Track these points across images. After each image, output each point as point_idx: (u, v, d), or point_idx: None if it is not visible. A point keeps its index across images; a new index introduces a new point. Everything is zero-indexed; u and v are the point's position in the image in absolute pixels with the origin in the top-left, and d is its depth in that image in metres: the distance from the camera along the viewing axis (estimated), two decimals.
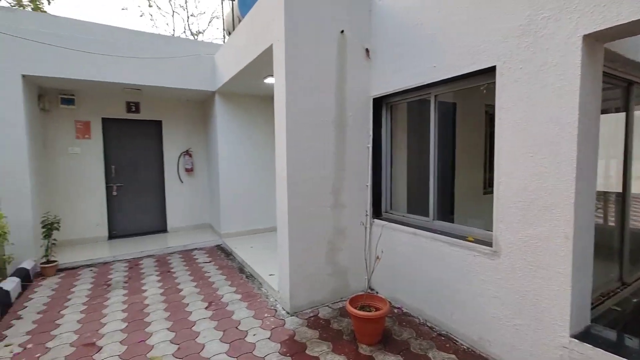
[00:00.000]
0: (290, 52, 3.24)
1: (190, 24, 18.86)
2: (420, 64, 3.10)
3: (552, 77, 2.12)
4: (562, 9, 2.04)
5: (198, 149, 6.98)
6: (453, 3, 2.76)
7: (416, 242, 3.21)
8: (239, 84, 5.40)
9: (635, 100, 3.05)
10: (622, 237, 3.07)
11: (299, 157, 3.32)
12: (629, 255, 3.11)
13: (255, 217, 6.43)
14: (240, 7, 7.87)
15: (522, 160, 2.30)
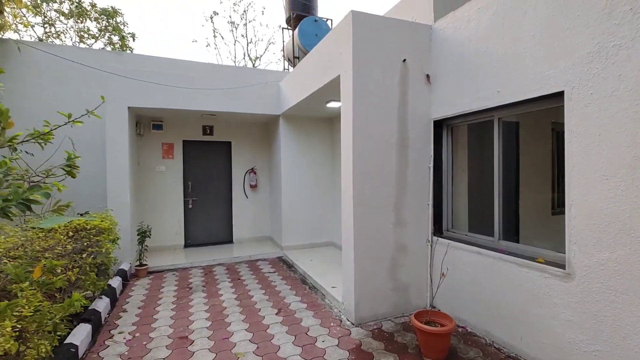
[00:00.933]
0: (357, 81, 3.58)
1: (249, 50, 20.54)
2: (483, 88, 3.24)
3: (626, 103, 2.15)
4: (634, 37, 2.10)
5: (261, 166, 7.62)
6: (517, 33, 2.89)
7: (481, 262, 3.26)
8: (302, 108, 5.90)
9: None
10: None
11: (364, 176, 3.60)
12: None
13: (312, 232, 6.79)
14: (300, 37, 8.59)
15: (595, 183, 2.32)
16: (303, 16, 9.17)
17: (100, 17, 13.54)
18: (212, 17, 18.88)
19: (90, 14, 13.35)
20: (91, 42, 13.62)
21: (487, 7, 3.20)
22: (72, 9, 12.92)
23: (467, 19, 3.44)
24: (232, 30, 19.60)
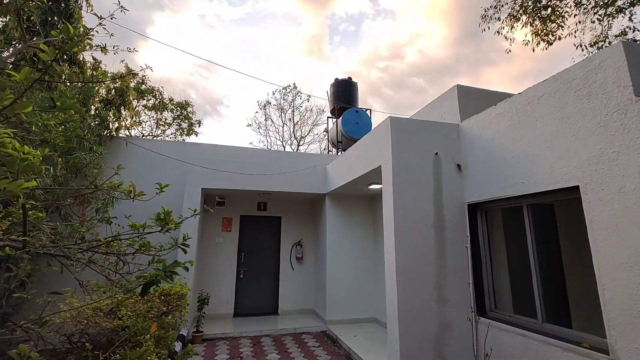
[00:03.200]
0: (396, 171, 4.24)
1: (296, 130, 22.99)
2: (509, 178, 3.72)
3: (633, 199, 2.52)
4: (628, 147, 2.57)
5: (307, 240, 8.20)
6: (532, 136, 3.46)
7: (525, 344, 3.32)
8: (346, 188, 6.64)
9: None
10: None
11: (405, 254, 4.00)
12: None
13: (355, 306, 6.91)
14: (343, 125, 9.86)
15: (621, 269, 2.57)
16: (345, 107, 10.62)
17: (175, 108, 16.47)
18: (265, 106, 21.87)
19: (168, 106, 16.35)
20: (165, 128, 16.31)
21: (503, 113, 3.87)
22: (156, 104, 15.97)
23: (488, 121, 4.11)
24: (280, 115, 22.38)
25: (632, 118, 2.57)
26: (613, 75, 2.76)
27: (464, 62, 29.44)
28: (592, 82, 2.94)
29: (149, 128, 16.54)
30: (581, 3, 6.70)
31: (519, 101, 3.70)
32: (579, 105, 3.01)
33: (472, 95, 5.08)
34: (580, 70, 3.07)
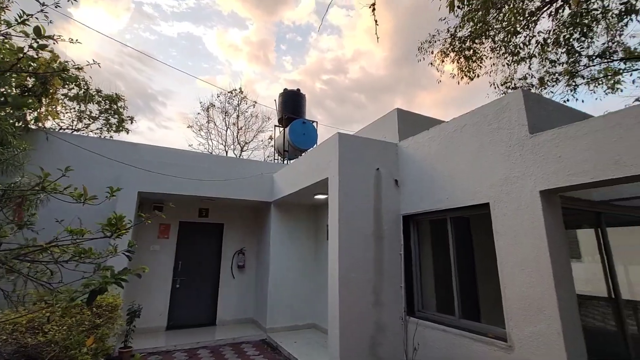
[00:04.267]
0: (342, 184, 4.58)
1: (240, 136, 22.51)
2: (437, 194, 4.30)
3: (526, 215, 3.17)
4: (523, 174, 3.24)
5: (250, 248, 8.14)
6: (456, 159, 4.08)
7: (446, 337, 3.85)
8: (292, 197, 6.82)
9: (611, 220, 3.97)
10: (625, 340, 3.58)
11: (348, 262, 4.32)
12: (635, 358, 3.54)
13: (296, 314, 7.05)
14: (290, 134, 10.08)
15: (517, 272, 3.19)
16: (293, 117, 10.88)
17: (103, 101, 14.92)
18: (209, 108, 21.07)
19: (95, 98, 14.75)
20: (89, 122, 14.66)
21: (434, 138, 4.48)
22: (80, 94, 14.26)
23: (422, 144, 4.70)
24: (224, 119, 21.76)
25: (527, 151, 3.25)
26: (515, 115, 3.45)
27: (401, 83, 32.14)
28: (501, 118, 3.62)
29: (68, 120, 14.73)
30: (495, 49, 7.99)
31: (447, 128, 4.33)
32: (491, 137, 3.67)
33: (409, 119, 5.72)
34: (493, 108, 3.75)
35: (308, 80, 32.22)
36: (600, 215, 3.94)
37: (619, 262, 4.47)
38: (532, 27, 7.36)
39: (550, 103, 3.78)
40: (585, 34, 6.72)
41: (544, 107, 3.57)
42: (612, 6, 6.83)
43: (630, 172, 2.53)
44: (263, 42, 30.86)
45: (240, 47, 30.85)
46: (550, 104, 3.75)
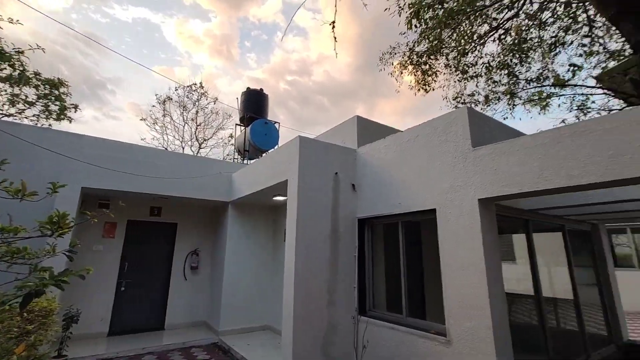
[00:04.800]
0: (301, 186, 4.65)
1: (198, 132, 21.64)
2: (390, 199, 4.55)
3: (467, 220, 3.49)
4: (466, 183, 3.56)
5: (205, 248, 7.89)
6: (409, 167, 4.36)
7: (394, 335, 4.08)
8: (251, 198, 6.76)
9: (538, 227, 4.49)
10: (544, 333, 4.08)
11: (304, 263, 4.40)
12: (552, 349, 4.05)
13: (250, 315, 6.97)
14: (251, 134, 9.97)
15: (457, 273, 3.50)
16: (255, 117, 10.76)
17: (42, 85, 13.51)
18: (166, 101, 20.00)
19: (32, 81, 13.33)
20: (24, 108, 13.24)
21: (390, 146, 4.74)
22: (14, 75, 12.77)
23: (379, 151, 4.94)
24: (182, 114, 20.80)
25: (469, 163, 3.59)
26: (461, 129, 3.79)
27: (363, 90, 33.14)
28: (449, 132, 3.94)
29: None
30: (449, 65, 8.62)
31: (401, 138, 4.60)
32: (440, 148, 3.99)
33: (368, 126, 5.97)
34: (443, 121, 4.07)
35: (272, 80, 31.98)
36: (528, 222, 4.45)
37: (544, 264, 5.07)
38: (480, 49, 8.07)
39: (491, 120, 4.20)
40: (522, 59, 7.52)
41: (485, 124, 3.96)
42: (546, 37, 7.73)
43: (551, 185, 2.92)
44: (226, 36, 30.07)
45: (201, 40, 29.76)
46: (491, 122, 4.17)
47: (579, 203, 4.11)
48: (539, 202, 4.28)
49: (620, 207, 4.60)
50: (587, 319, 5.10)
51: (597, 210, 4.80)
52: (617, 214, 5.27)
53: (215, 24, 29.82)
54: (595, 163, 2.67)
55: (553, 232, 5.22)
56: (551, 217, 4.88)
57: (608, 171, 2.61)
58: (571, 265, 5.03)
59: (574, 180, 2.78)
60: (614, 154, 2.60)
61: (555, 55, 7.78)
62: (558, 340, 4.42)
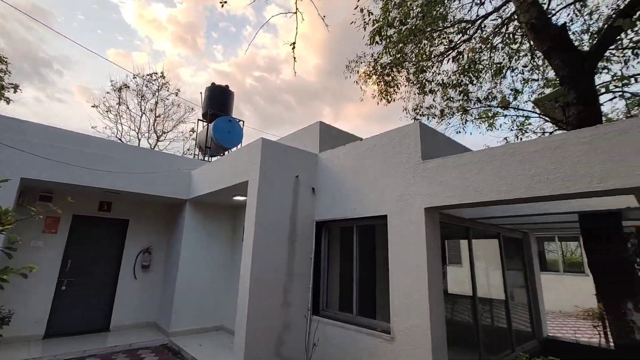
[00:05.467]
0: (262, 187, 4.72)
1: (157, 124, 20.60)
2: (347, 204, 4.77)
3: (414, 227, 3.79)
4: (414, 193, 3.87)
5: (158, 247, 7.60)
6: (365, 175, 4.61)
7: (343, 333, 4.30)
8: (210, 197, 6.66)
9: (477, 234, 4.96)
10: (477, 330, 4.53)
11: (261, 263, 4.47)
12: (483, 344, 4.51)
13: (203, 316, 6.86)
14: (214, 131, 9.78)
15: (402, 274, 3.78)
16: (218, 114, 10.55)
17: None
18: (121, 88, 18.82)
19: None
20: None
21: (349, 153, 4.96)
22: None
23: (338, 157, 5.15)
24: (140, 103, 19.70)
25: (418, 174, 3.90)
26: (413, 142, 4.10)
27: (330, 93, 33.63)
28: (403, 143, 4.24)
29: None
30: (409, 79, 9.12)
31: (360, 146, 4.84)
32: (394, 158, 4.27)
33: (330, 132, 6.17)
34: (398, 133, 4.36)
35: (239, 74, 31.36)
36: (469, 230, 4.90)
37: (483, 267, 5.59)
38: (439, 66, 8.64)
39: (440, 135, 4.58)
40: (472, 80, 8.20)
41: (435, 139, 4.32)
42: (496, 60, 8.49)
43: (485, 198, 3.29)
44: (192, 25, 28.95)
45: (164, 25, 28.37)
46: (441, 137, 4.55)
47: (511, 214, 4.62)
48: (478, 212, 4.74)
49: (545, 219, 5.23)
50: (515, 317, 5.71)
51: (526, 221, 5.41)
52: (544, 224, 5.96)
53: (180, 11, 28.61)
54: (519, 181, 3.07)
55: (491, 239, 5.78)
56: (489, 226, 5.41)
57: (530, 189, 3.01)
58: (504, 269, 5.60)
59: (502, 195, 3.16)
60: (534, 174, 3.01)
61: (502, 79, 8.57)
62: (489, 337, 4.92)
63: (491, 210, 4.74)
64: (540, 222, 5.55)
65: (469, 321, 4.95)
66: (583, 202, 3.98)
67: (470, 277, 4.87)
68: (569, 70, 4.47)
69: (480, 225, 5.18)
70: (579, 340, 6.41)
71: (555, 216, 4.83)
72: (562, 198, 2.97)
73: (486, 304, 5.40)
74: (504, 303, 5.58)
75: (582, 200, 3.94)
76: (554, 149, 2.94)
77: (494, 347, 5.00)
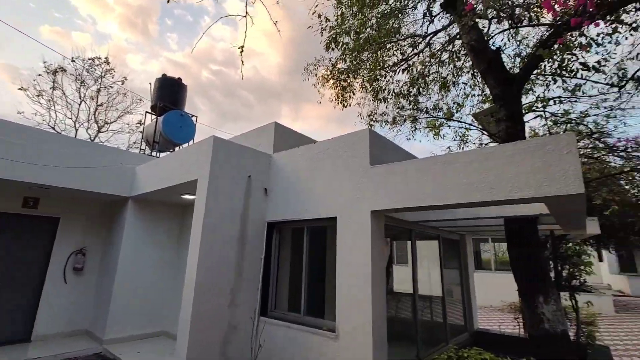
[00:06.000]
0: (211, 187, 4.59)
1: (98, 113, 18.90)
2: (299, 205, 4.83)
3: (360, 229, 3.97)
4: (362, 196, 4.05)
5: (93, 247, 6.99)
6: (318, 177, 4.71)
7: (290, 333, 4.35)
8: (156, 195, 6.30)
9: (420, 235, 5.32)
10: (416, 325, 4.86)
11: (208, 264, 4.34)
12: (421, 338, 4.86)
13: (147, 321, 6.46)
14: (164, 125, 9.29)
15: (349, 275, 3.94)
16: (169, 107, 10.02)
17: None
18: (57, 71, 16.98)
19: None
20: None
21: (301, 156, 5.04)
22: None
23: (292, 159, 5.20)
24: (79, 89, 17.94)
25: (367, 179, 4.09)
26: (363, 148, 4.28)
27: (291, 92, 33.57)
28: (354, 148, 4.41)
29: None
30: (364, 86, 9.47)
31: (314, 149, 4.94)
32: (345, 163, 4.43)
33: (285, 134, 6.19)
34: (351, 138, 4.52)
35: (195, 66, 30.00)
36: (411, 232, 5.24)
37: (425, 267, 5.99)
38: (392, 76, 9.09)
39: (389, 142, 4.85)
40: (420, 91, 8.77)
41: (383, 145, 4.55)
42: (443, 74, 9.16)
43: (424, 203, 3.55)
44: (144, 8, 27.04)
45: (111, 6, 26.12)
46: (389, 144, 4.81)
47: (448, 218, 5.03)
48: (421, 215, 5.09)
49: (478, 222, 5.77)
50: (450, 312, 6.22)
51: (462, 224, 5.92)
52: (478, 227, 6.56)
53: None
54: (455, 188, 3.37)
55: (431, 241, 6.23)
56: (429, 228, 5.83)
57: (463, 195, 3.32)
58: (442, 268, 6.07)
59: (440, 201, 3.44)
60: (467, 182, 3.32)
61: (447, 92, 9.27)
62: (427, 331, 5.30)
63: (431, 213, 5.12)
64: (474, 225, 6.10)
65: (408, 317, 5.29)
66: (508, 208, 4.48)
67: (412, 276, 5.20)
68: (500, 90, 5.00)
69: (422, 227, 5.56)
70: (504, 331, 7.16)
71: (486, 220, 5.35)
72: (488, 204, 3.32)
73: (426, 301, 5.81)
74: (441, 300, 6.04)
75: (508, 207, 4.43)
76: (483, 160, 3.28)
77: (431, 341, 5.40)
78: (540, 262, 4.38)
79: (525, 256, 4.41)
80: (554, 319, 4.07)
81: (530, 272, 4.33)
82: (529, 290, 4.30)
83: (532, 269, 4.33)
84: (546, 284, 4.27)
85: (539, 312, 4.12)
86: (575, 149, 2.78)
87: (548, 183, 2.82)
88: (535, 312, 4.12)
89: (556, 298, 4.23)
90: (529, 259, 4.36)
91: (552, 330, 4.02)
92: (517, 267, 4.50)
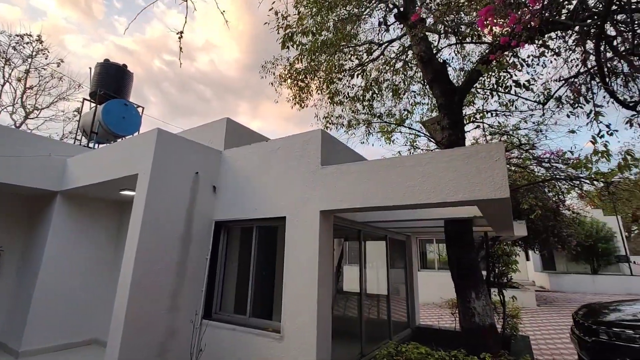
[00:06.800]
0: (153, 182, 4.30)
1: (27, 97, 16.82)
2: (248, 204, 4.72)
3: (309, 229, 3.98)
4: (312, 196, 4.07)
5: (10, 248, 6.17)
6: (268, 176, 4.64)
7: (234, 335, 4.22)
8: (91, 189, 5.75)
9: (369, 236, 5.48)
10: (361, 323, 5.00)
11: (145, 265, 4.05)
12: (365, 336, 5.01)
13: (74, 329, 5.84)
14: (104, 114, 8.54)
15: (296, 275, 3.92)
16: (112, 96, 9.22)
17: None
18: None
19: None
20: None
21: (253, 153, 4.93)
22: None
23: (243, 157, 5.06)
24: (2, 68, 15.82)
25: (317, 179, 4.12)
26: (314, 148, 4.31)
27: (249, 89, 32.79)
28: (305, 149, 4.41)
29: None
30: (320, 88, 9.56)
31: (266, 147, 4.86)
32: (296, 162, 4.42)
33: (237, 130, 6.02)
34: (302, 138, 4.52)
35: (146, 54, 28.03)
36: (360, 232, 5.39)
37: (373, 266, 6.18)
38: (349, 80, 9.30)
39: (340, 144, 4.93)
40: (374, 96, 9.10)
41: (335, 147, 4.62)
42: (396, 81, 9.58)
43: (370, 204, 3.66)
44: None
45: None
46: (340, 145, 4.89)
47: (394, 219, 5.25)
48: (369, 216, 5.25)
49: (422, 224, 6.11)
50: (394, 310, 6.50)
51: (407, 225, 6.22)
52: (422, 228, 6.95)
53: None
54: (397, 190, 3.52)
55: (379, 241, 6.46)
56: (377, 229, 6.05)
57: (405, 197, 3.48)
58: (389, 267, 6.32)
59: (385, 202, 3.58)
60: (410, 185, 3.49)
61: (399, 99, 9.71)
62: (371, 328, 5.47)
63: (379, 214, 5.30)
64: (418, 226, 6.45)
65: (354, 315, 5.42)
66: (448, 210, 4.79)
67: (359, 275, 5.34)
68: (445, 100, 5.35)
69: (371, 228, 5.74)
70: (442, 326, 7.65)
71: (428, 221, 5.68)
72: (429, 206, 3.52)
73: (373, 299, 6.00)
74: (386, 298, 6.29)
75: (448, 209, 4.74)
76: (424, 164, 3.47)
77: (375, 338, 5.58)
78: (473, 260, 4.75)
79: (460, 255, 4.75)
80: (483, 313, 4.44)
81: (464, 270, 4.68)
82: (463, 287, 4.64)
83: (466, 267, 4.68)
84: (477, 281, 4.65)
85: (470, 306, 4.46)
86: (504, 158, 3.06)
87: (479, 187, 3.06)
88: (468, 307, 4.46)
89: (486, 294, 4.63)
90: (463, 258, 4.70)
91: (481, 323, 4.38)
92: (453, 265, 4.83)
